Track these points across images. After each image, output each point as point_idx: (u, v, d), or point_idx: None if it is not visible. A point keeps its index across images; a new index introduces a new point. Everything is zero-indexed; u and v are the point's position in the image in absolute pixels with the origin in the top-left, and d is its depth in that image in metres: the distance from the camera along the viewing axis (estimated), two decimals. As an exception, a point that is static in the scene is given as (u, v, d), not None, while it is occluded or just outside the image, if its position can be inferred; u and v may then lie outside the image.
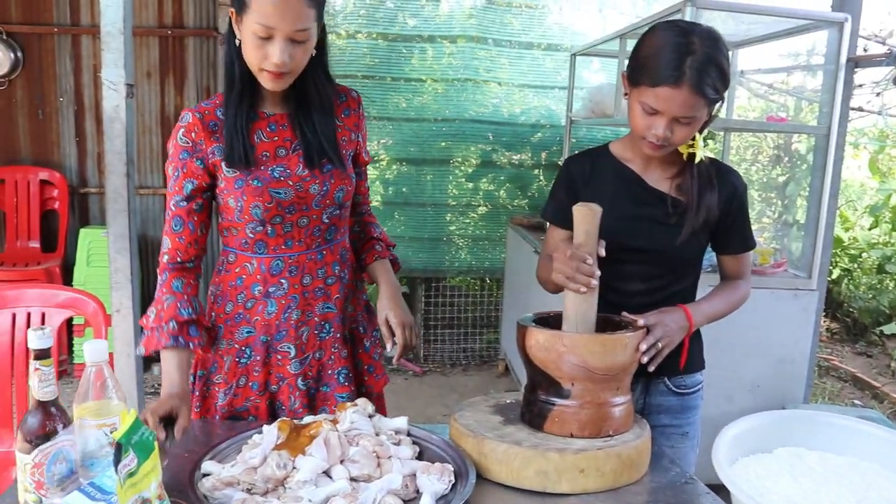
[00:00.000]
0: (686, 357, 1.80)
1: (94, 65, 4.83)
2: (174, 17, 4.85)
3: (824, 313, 6.38)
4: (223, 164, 1.71)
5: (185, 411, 1.54)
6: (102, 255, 4.36)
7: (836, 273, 6.40)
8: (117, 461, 1.05)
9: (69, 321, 2.78)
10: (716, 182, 1.75)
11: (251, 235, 1.75)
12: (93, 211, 5.03)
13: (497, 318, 5.44)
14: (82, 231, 4.60)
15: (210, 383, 1.84)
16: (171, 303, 1.69)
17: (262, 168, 1.71)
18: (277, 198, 1.71)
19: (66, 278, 4.63)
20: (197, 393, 1.84)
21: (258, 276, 1.77)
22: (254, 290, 1.78)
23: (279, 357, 1.81)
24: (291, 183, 1.72)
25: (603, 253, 1.58)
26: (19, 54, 4.76)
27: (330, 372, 1.85)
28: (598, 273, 1.56)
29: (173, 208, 1.73)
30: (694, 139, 1.69)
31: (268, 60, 1.59)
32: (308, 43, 1.63)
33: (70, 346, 4.61)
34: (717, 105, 1.66)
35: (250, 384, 1.81)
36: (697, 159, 1.71)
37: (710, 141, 1.75)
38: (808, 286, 3.05)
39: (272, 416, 1.80)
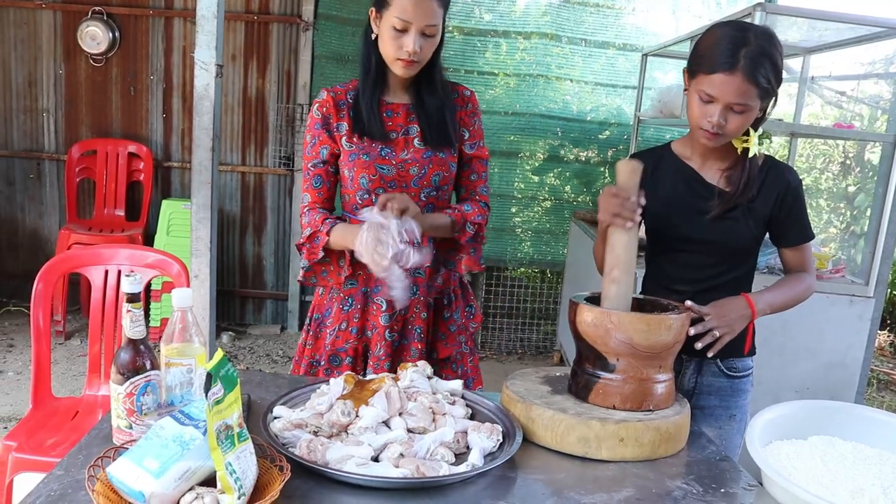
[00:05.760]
0: (751, 343, 1.90)
1: (184, 46, 5.07)
2: (261, 3, 5.04)
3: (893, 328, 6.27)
4: (343, 138, 2.00)
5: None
6: (181, 226, 4.59)
7: (906, 288, 6.28)
8: (207, 389, 1.19)
9: (147, 288, 2.96)
10: (769, 177, 1.84)
11: (359, 201, 2.00)
12: (174, 184, 5.28)
13: (555, 310, 5.51)
14: (164, 202, 4.81)
15: (322, 326, 2.14)
16: (321, 216, 1.98)
17: (373, 146, 1.98)
18: (381, 172, 1.98)
19: (147, 246, 4.83)
20: (311, 332, 2.16)
21: None
22: None
23: (374, 308, 2.06)
24: (394, 162, 1.99)
25: (643, 202, 1.68)
26: (117, 34, 5.02)
27: (410, 327, 2.09)
28: (640, 212, 1.67)
29: (312, 168, 2.03)
30: (749, 135, 1.78)
31: (402, 50, 1.87)
32: (435, 37, 1.93)
33: (147, 310, 4.79)
34: (771, 103, 1.76)
35: (350, 329, 2.08)
36: (751, 154, 1.80)
37: (765, 140, 1.84)
38: (864, 293, 3.06)
39: (364, 360, 2.10)
